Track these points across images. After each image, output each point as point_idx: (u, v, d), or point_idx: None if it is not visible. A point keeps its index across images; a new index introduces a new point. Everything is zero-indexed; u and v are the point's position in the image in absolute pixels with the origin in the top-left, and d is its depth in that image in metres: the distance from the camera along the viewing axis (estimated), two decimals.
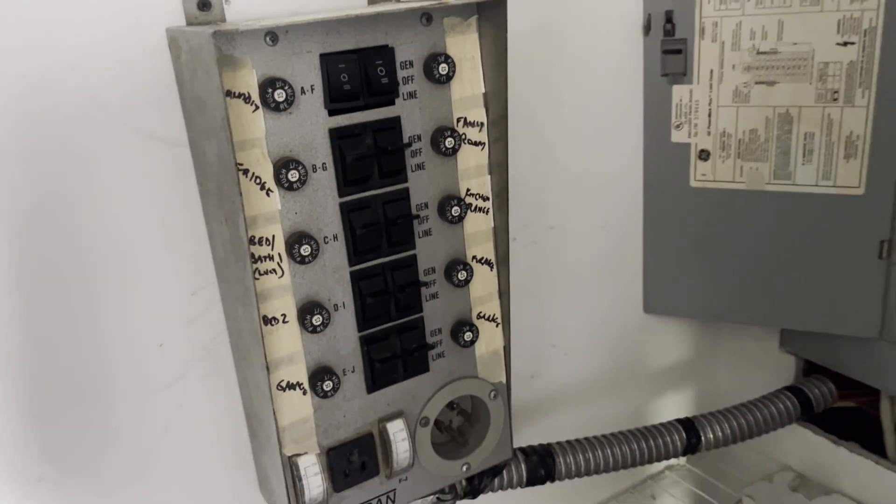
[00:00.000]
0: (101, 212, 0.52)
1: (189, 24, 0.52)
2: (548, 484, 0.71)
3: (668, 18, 0.71)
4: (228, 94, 0.45)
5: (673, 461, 0.90)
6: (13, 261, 0.50)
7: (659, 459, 0.73)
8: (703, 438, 0.74)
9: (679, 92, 0.73)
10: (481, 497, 0.67)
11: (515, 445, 0.66)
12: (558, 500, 0.82)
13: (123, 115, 0.51)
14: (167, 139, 0.53)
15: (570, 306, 0.77)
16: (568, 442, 0.72)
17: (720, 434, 0.75)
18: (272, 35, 0.46)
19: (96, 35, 0.49)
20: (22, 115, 0.48)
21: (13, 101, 0.48)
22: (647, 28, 0.72)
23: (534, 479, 0.69)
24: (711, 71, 0.71)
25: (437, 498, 0.66)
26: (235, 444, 0.61)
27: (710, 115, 0.72)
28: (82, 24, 0.49)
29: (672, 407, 0.86)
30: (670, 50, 0.72)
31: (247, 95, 0.46)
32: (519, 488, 0.69)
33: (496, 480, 0.68)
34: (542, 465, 0.69)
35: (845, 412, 0.82)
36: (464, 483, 0.65)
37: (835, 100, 0.67)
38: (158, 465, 0.58)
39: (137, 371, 0.56)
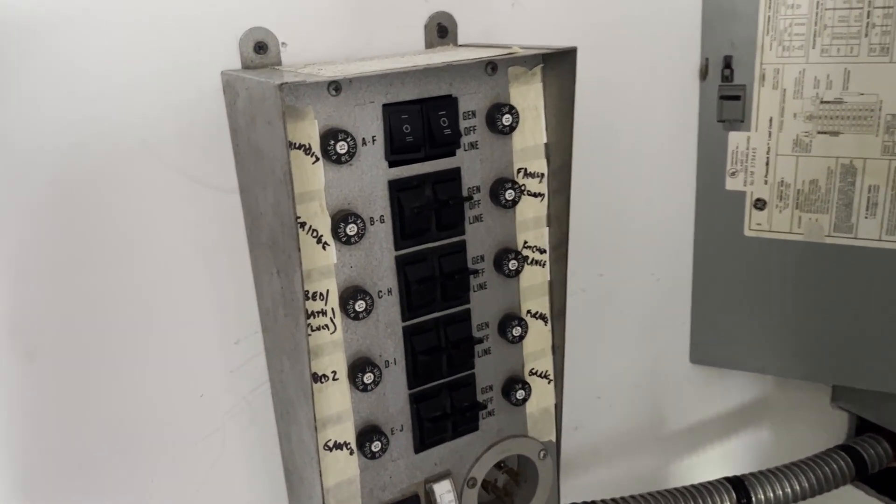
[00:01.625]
0: (146, 256, 0.50)
1: (245, 66, 0.50)
2: None
3: (727, 64, 0.69)
4: (289, 145, 0.43)
5: None
6: (57, 305, 0.48)
7: None
8: (753, 499, 0.71)
9: (736, 139, 0.71)
10: None
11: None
12: None
13: (173, 159, 0.50)
14: (217, 185, 0.51)
15: (616, 355, 0.75)
16: (613, 500, 0.69)
17: (771, 495, 0.72)
18: (336, 85, 0.44)
19: (149, 76, 0.48)
20: (72, 158, 0.46)
21: (64, 144, 0.46)
22: (705, 73, 0.70)
23: None
24: (771, 119, 0.68)
25: None
26: (273, 501, 0.59)
27: (767, 164, 0.70)
28: (136, 65, 0.47)
29: (718, 462, 0.82)
30: (728, 96, 0.70)
31: (307, 147, 0.44)
32: None
33: None
34: None
35: None
36: None
37: None
38: None
39: (176, 422, 0.54)
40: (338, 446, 0.50)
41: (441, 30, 0.56)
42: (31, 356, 0.48)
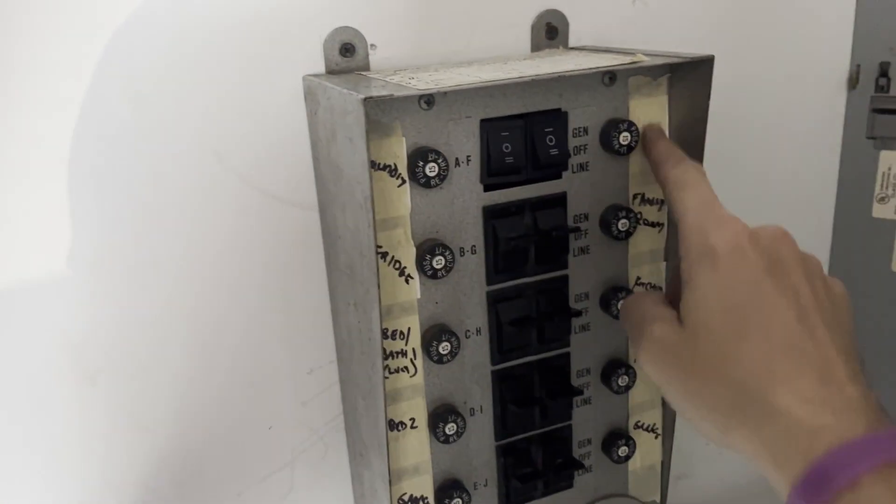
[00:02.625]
0: (215, 275, 0.46)
1: (329, 70, 0.45)
2: None
3: (884, 72, 0.59)
4: (373, 165, 0.38)
5: None
6: (122, 327, 0.44)
7: None
8: None
9: (889, 159, 0.61)
10: None
11: None
12: None
13: (247, 171, 0.45)
14: (294, 201, 0.46)
15: None
16: None
17: None
18: (428, 99, 0.38)
19: (225, 80, 0.43)
20: (146, 168, 0.42)
21: (136, 155, 0.42)
22: (854, 81, 0.60)
23: None
24: None
25: None
26: None
27: None
28: (211, 68, 0.43)
29: None
30: (883, 109, 0.60)
31: (393, 167, 0.39)
32: None
33: None
34: None
35: None
36: None
37: None
38: None
39: (243, 456, 0.49)
40: (413, 500, 0.45)
41: (550, 30, 0.49)
42: (94, 380, 0.44)
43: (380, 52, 0.46)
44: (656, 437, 0.51)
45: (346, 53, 0.45)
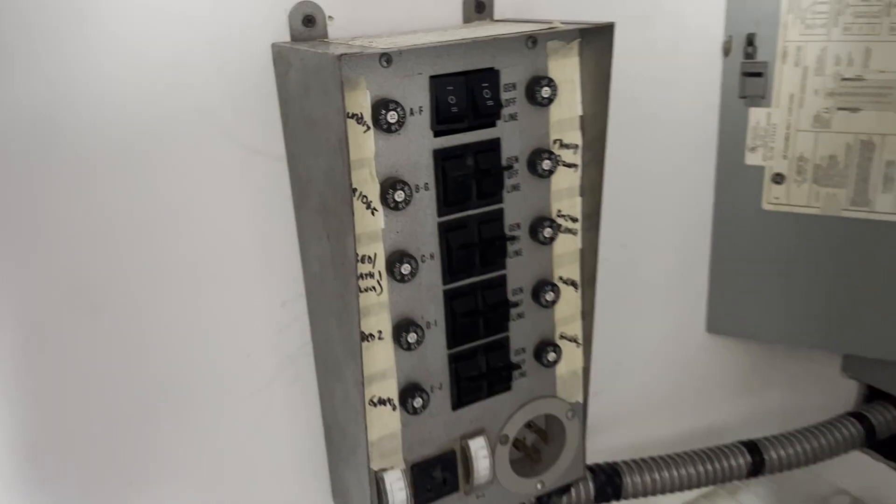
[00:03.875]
0: (198, 219, 0.52)
1: (294, 39, 0.52)
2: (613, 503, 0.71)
3: (750, 41, 0.71)
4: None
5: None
6: (118, 266, 0.50)
7: (724, 481, 0.74)
8: (767, 462, 0.74)
9: (756, 115, 0.73)
10: None
11: None
12: None
13: (225, 126, 0.52)
14: (266, 152, 0.53)
15: (636, 324, 0.78)
16: (635, 461, 0.72)
17: (784, 457, 0.75)
18: (387, 57, 0.46)
19: (204, 45, 0.50)
20: (133, 125, 0.49)
21: (125, 113, 0.48)
22: (728, 50, 0.72)
23: (601, 499, 0.69)
24: (792, 95, 0.71)
25: None
26: (312, 456, 0.62)
27: (787, 140, 0.72)
28: (190, 34, 0.49)
29: (733, 427, 0.85)
30: (750, 73, 0.72)
31: (360, 116, 0.47)
32: None
33: (565, 498, 0.68)
34: (609, 483, 0.70)
35: None
36: (534, 501, 0.66)
37: None
38: (239, 470, 0.59)
39: (226, 379, 0.56)
40: (381, 402, 0.53)
41: (479, 5, 0.58)
42: (96, 312, 0.50)
43: (336, 23, 0.54)
44: (578, 346, 0.61)
45: (308, 24, 0.52)
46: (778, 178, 0.74)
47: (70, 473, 0.52)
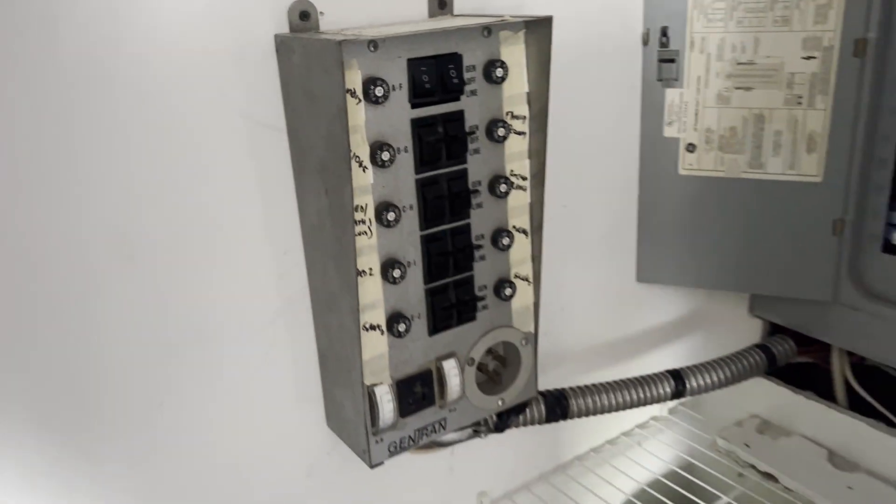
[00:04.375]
0: (217, 180, 0.63)
1: (293, 30, 0.63)
2: (558, 428, 0.85)
3: (664, 33, 0.85)
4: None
5: (656, 412, 1.04)
6: (143, 220, 0.61)
7: (653, 403, 0.88)
8: (687, 386, 0.89)
9: (671, 95, 0.87)
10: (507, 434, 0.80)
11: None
12: (561, 444, 0.96)
13: (238, 103, 0.62)
14: (270, 125, 0.64)
15: (576, 274, 0.91)
16: (578, 387, 0.85)
17: (702, 382, 0.89)
18: (374, 44, 0.58)
19: (220, 39, 0.61)
20: (166, 100, 0.59)
21: (161, 91, 0.59)
22: (646, 40, 0.86)
23: (551, 417, 0.83)
24: (699, 77, 0.85)
25: (474, 430, 0.79)
26: (308, 384, 0.73)
27: (696, 115, 0.86)
28: (209, 30, 0.60)
29: (660, 360, 1.00)
30: (665, 59, 0.86)
31: (353, 91, 0.58)
32: (538, 425, 0.82)
33: (520, 417, 0.81)
34: (557, 405, 0.83)
35: (803, 366, 0.98)
36: (494, 418, 0.79)
37: (799, 103, 0.82)
38: (249, 400, 0.70)
39: (239, 318, 0.67)
40: (372, 327, 0.65)
41: (441, 3, 0.70)
42: (133, 260, 0.61)
43: (326, 17, 0.65)
44: (529, 284, 0.74)
45: (304, 18, 0.64)
46: (690, 148, 0.88)
47: (113, 398, 0.62)
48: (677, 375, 0.89)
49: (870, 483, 0.87)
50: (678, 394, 0.89)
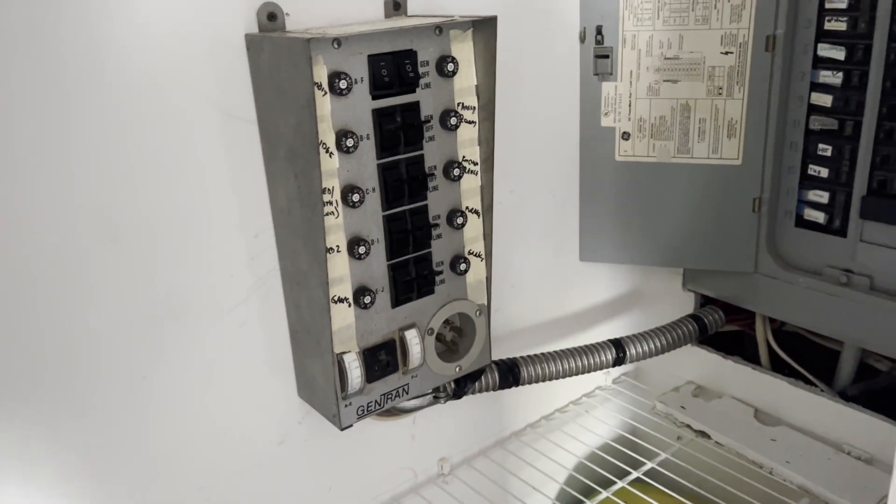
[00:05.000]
0: (193, 168, 0.68)
1: (261, 30, 0.69)
2: (511, 397, 0.92)
3: (599, 31, 0.93)
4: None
5: (602, 382, 1.12)
6: (126, 203, 0.66)
7: (597, 369, 0.96)
8: (627, 353, 0.97)
9: (607, 88, 0.95)
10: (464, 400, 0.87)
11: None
12: (514, 413, 1.04)
13: (211, 97, 0.68)
14: (241, 117, 0.70)
15: (524, 254, 0.98)
16: (530, 356, 0.93)
17: (641, 350, 0.98)
18: (338, 41, 0.64)
19: (194, 37, 0.66)
20: (142, 99, 0.64)
21: (139, 86, 0.64)
22: (583, 38, 0.94)
23: (504, 384, 0.90)
24: (631, 71, 0.93)
25: (434, 396, 0.86)
26: (279, 358, 0.79)
27: (630, 106, 0.95)
28: (184, 30, 0.66)
29: (603, 333, 1.08)
30: (600, 55, 0.94)
31: (320, 84, 0.65)
32: (492, 391, 0.90)
33: (476, 384, 0.88)
34: (510, 372, 0.90)
35: (731, 334, 1.07)
36: (452, 385, 0.85)
37: (720, 94, 0.91)
38: (224, 374, 0.75)
39: (214, 296, 0.73)
40: (340, 300, 0.71)
41: (396, 4, 0.77)
42: (116, 240, 0.66)
43: (291, 18, 0.71)
44: (481, 260, 0.81)
45: (271, 19, 0.70)
46: (625, 136, 0.96)
47: (99, 370, 0.67)
48: (618, 344, 0.97)
49: (791, 435, 0.97)
50: (619, 360, 0.97)
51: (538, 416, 1.06)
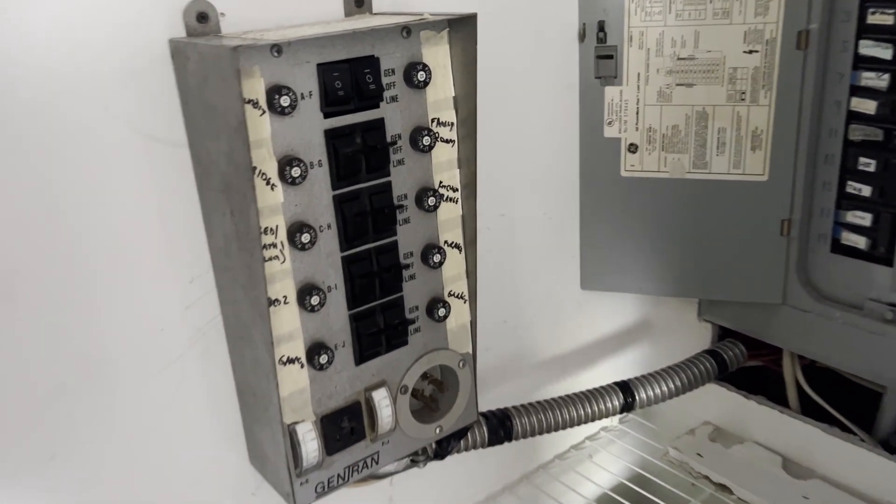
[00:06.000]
0: (108, 207, 0.56)
1: (189, 34, 0.57)
2: (505, 444, 0.80)
3: (601, 28, 0.81)
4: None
5: (607, 423, 1.00)
6: (24, 254, 0.53)
7: (601, 418, 0.83)
8: (637, 398, 0.85)
9: (610, 93, 0.83)
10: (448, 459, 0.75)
11: None
12: (508, 464, 0.91)
13: (130, 119, 0.56)
14: (167, 140, 0.58)
15: (518, 285, 0.86)
16: (522, 406, 0.80)
17: (651, 393, 0.85)
18: (278, 48, 0.52)
19: (104, 47, 0.54)
20: (40, 121, 0.52)
21: (31, 111, 0.52)
22: (583, 36, 0.82)
23: (494, 440, 0.78)
24: (639, 74, 0.81)
25: (412, 460, 0.73)
26: (227, 420, 0.66)
27: (637, 113, 0.82)
28: (91, 38, 0.53)
29: (608, 371, 0.96)
30: (603, 55, 0.81)
31: (255, 101, 0.52)
32: (480, 448, 0.77)
33: (462, 442, 0.76)
34: (501, 426, 0.78)
35: (754, 370, 0.95)
36: (434, 446, 0.73)
37: (742, 99, 0.78)
38: (159, 442, 0.63)
39: (141, 355, 0.60)
40: (290, 361, 0.59)
41: (358, 1, 0.64)
42: (12, 300, 0.53)
43: (227, 19, 0.58)
44: (465, 302, 0.68)
45: (202, 20, 0.57)
46: (632, 148, 0.84)
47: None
48: (626, 387, 0.85)
49: (825, 490, 0.85)
50: (627, 407, 0.85)
51: (535, 465, 0.94)
